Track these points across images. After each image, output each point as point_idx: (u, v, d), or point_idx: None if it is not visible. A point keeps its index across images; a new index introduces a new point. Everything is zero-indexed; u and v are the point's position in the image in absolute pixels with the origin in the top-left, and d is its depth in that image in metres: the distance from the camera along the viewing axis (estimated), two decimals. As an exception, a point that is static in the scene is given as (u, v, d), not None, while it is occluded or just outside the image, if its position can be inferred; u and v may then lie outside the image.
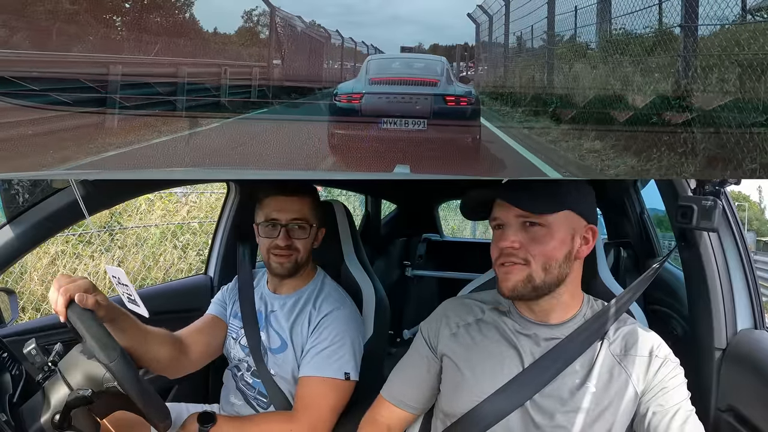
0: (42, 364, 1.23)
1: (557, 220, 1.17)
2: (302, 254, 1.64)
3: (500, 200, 1.21)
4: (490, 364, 1.23)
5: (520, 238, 1.17)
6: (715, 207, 1.31)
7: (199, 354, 1.66)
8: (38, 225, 1.57)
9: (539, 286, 1.18)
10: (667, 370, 1.17)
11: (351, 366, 1.58)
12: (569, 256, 1.19)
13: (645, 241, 2.79)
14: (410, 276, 3.93)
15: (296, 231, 1.62)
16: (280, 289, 1.72)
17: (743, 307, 1.45)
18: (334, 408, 1.55)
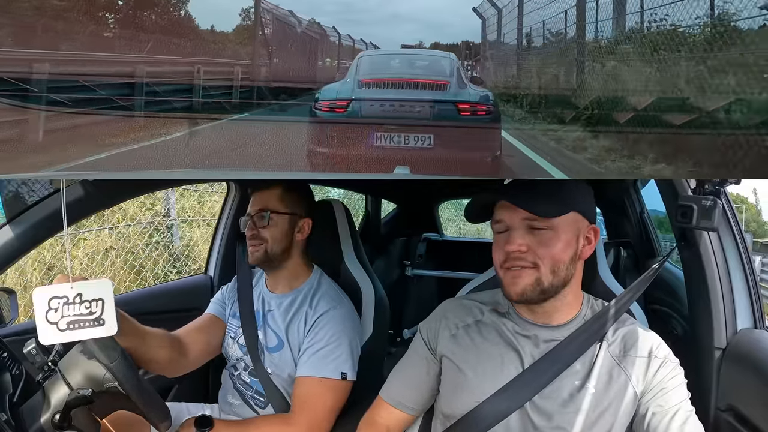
0: (42, 364, 1.23)
1: (563, 222, 1.17)
2: (270, 244, 1.66)
3: (507, 202, 1.19)
4: (490, 366, 1.23)
5: (528, 242, 1.16)
6: (715, 207, 1.31)
7: (197, 353, 1.66)
8: (38, 225, 1.57)
9: (547, 289, 1.17)
10: (666, 370, 1.17)
11: (348, 366, 1.58)
12: (575, 257, 1.19)
13: (645, 241, 2.79)
14: (410, 275, 3.93)
15: (260, 220, 1.66)
16: (277, 288, 1.73)
17: (743, 307, 1.45)
18: (331, 408, 1.56)
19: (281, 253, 1.68)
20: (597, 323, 1.22)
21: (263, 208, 1.67)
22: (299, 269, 1.72)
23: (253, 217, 1.67)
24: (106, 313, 1.14)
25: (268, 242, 1.66)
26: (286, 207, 1.68)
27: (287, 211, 1.68)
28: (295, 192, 1.72)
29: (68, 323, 1.15)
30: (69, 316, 1.15)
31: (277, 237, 1.66)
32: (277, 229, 1.66)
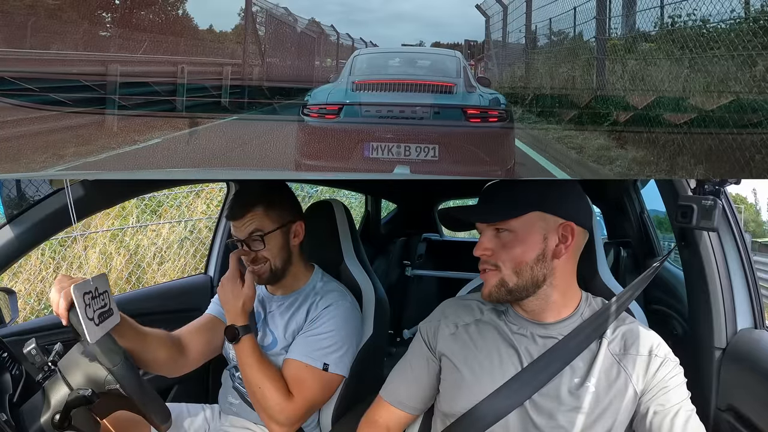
0: (42, 364, 1.23)
1: (524, 222, 1.18)
2: (273, 260, 1.63)
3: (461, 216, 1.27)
4: (489, 364, 1.23)
5: (492, 245, 1.20)
6: (715, 207, 1.31)
7: (197, 354, 1.66)
8: (38, 225, 1.57)
9: (513, 289, 1.20)
10: (667, 369, 1.17)
11: (334, 358, 1.57)
12: (542, 257, 1.19)
13: (645, 241, 2.79)
14: (410, 276, 3.92)
15: (255, 243, 1.62)
16: (277, 290, 1.73)
17: (743, 307, 1.45)
18: (311, 396, 1.55)
19: (284, 264, 1.66)
20: (596, 321, 1.21)
21: (254, 230, 1.61)
22: (300, 272, 1.72)
23: (245, 242, 1.62)
24: (112, 303, 1.20)
25: (269, 260, 1.63)
26: (275, 222, 1.64)
27: (278, 226, 1.64)
28: (277, 202, 1.66)
29: (98, 316, 1.19)
30: (98, 310, 1.18)
31: (276, 252, 1.64)
32: (274, 246, 1.63)
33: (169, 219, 5.47)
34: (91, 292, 1.18)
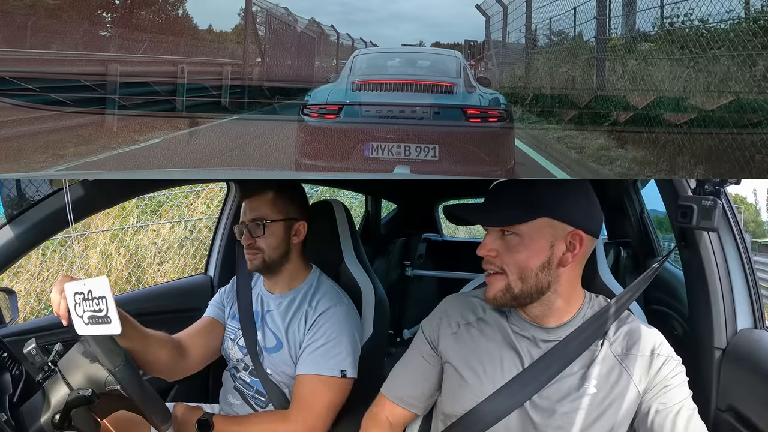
0: (42, 364, 1.23)
1: (532, 228, 1.15)
2: (268, 252, 1.64)
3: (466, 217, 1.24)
4: (490, 365, 1.23)
5: (497, 246, 1.18)
6: (715, 207, 1.31)
7: (197, 356, 1.66)
8: (38, 225, 1.57)
9: (518, 295, 1.17)
10: (669, 368, 1.16)
11: (347, 363, 1.58)
12: (548, 264, 1.16)
13: (645, 241, 2.79)
14: (410, 276, 3.92)
15: (255, 229, 1.64)
16: (275, 288, 1.73)
17: (743, 307, 1.45)
18: (330, 406, 1.55)
19: (279, 259, 1.67)
20: (597, 322, 1.21)
21: (257, 217, 1.64)
22: (297, 270, 1.72)
23: (247, 225, 1.65)
24: (110, 311, 1.14)
25: (264, 251, 1.64)
26: (280, 213, 1.66)
27: (282, 217, 1.66)
28: (288, 196, 1.69)
29: (89, 318, 1.17)
30: (88, 312, 1.16)
31: (273, 244, 1.65)
32: (273, 237, 1.65)
33: (169, 219, 5.49)
34: (83, 293, 1.16)
